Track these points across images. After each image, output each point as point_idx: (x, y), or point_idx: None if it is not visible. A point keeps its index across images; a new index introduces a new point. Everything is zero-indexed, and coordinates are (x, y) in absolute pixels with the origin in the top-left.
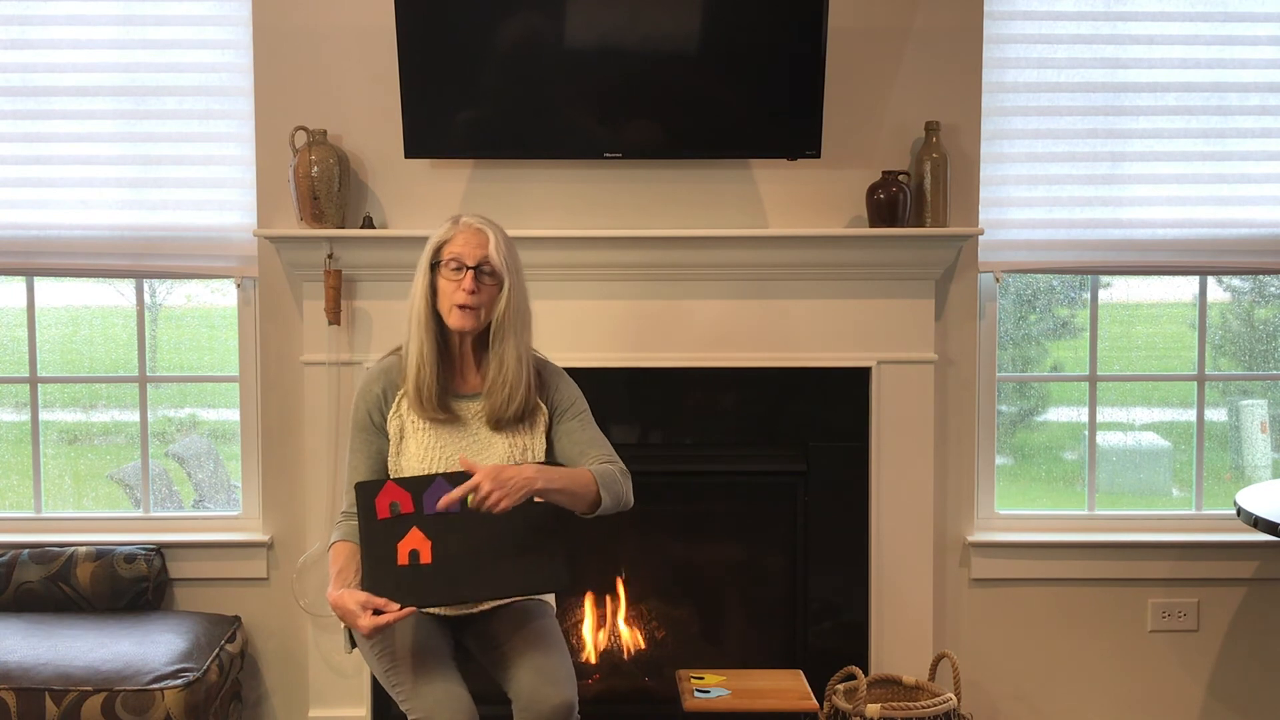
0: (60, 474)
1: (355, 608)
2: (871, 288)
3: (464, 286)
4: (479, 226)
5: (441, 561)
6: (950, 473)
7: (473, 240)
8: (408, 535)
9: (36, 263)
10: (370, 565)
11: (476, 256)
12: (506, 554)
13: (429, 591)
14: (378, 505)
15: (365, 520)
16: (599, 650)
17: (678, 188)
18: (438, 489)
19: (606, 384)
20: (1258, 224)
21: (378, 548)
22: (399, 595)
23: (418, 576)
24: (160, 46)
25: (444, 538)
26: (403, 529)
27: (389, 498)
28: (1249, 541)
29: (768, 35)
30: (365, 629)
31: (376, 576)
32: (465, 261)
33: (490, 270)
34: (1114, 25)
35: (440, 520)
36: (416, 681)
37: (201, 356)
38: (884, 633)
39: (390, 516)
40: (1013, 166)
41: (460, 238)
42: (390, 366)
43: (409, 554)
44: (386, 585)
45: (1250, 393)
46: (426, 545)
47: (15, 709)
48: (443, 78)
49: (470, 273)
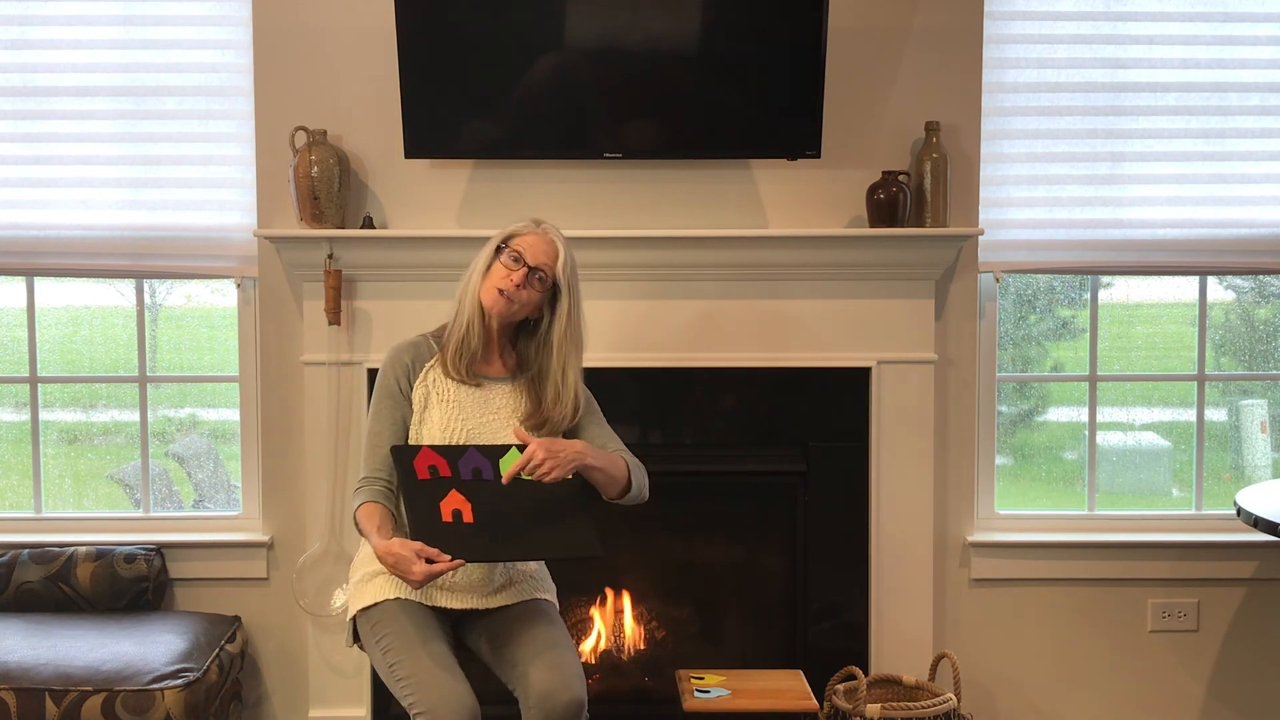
0: (60, 474)
1: (410, 554)
2: (871, 288)
3: (514, 279)
4: (554, 239)
5: (484, 521)
6: (950, 473)
7: (542, 245)
8: (449, 496)
9: (36, 263)
10: (417, 520)
11: (539, 260)
12: (542, 521)
13: (476, 547)
14: (416, 467)
15: (406, 480)
16: (599, 650)
17: (678, 188)
18: (472, 458)
19: (606, 384)
20: (1258, 224)
21: (421, 505)
22: (450, 548)
23: (464, 533)
24: (160, 46)
25: (485, 502)
26: (443, 490)
27: (427, 461)
28: (1249, 541)
29: (768, 35)
30: (420, 575)
31: (423, 531)
32: (526, 259)
33: (542, 277)
34: (1114, 25)
35: (477, 486)
36: (419, 675)
37: (201, 356)
38: (884, 633)
39: (430, 479)
40: (1013, 166)
41: (532, 237)
42: (419, 343)
43: (452, 513)
44: (435, 538)
45: (1250, 393)
46: (468, 507)
47: (15, 709)
48: (443, 78)
49: (525, 269)
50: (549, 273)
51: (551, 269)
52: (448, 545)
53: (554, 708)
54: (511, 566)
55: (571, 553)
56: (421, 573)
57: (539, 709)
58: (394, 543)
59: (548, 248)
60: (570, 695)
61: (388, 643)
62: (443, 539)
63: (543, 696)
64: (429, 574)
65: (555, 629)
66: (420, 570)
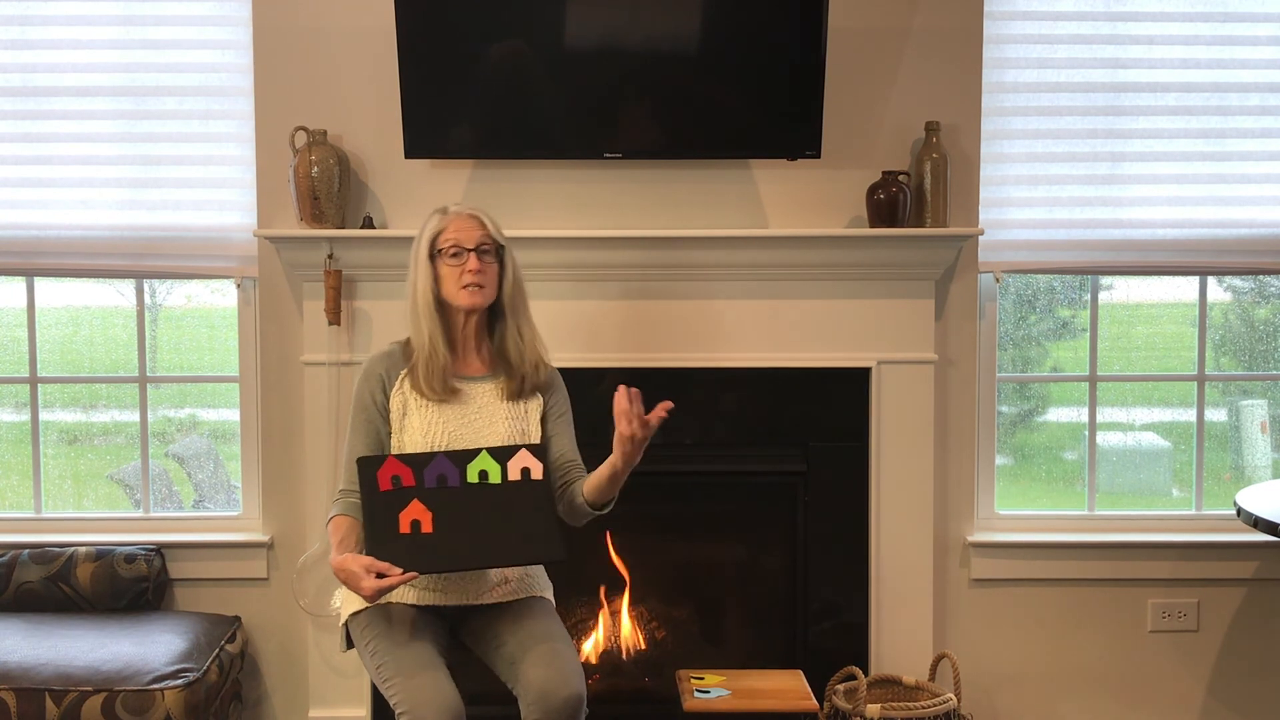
0: (60, 474)
1: (359, 570)
2: (871, 288)
3: (469, 267)
4: (470, 212)
5: (442, 531)
6: (950, 473)
7: (466, 225)
8: (409, 506)
9: (36, 263)
10: (372, 534)
11: (475, 239)
12: (505, 527)
13: (431, 559)
14: (379, 478)
15: (367, 492)
16: (599, 650)
17: (678, 188)
18: (438, 465)
19: (606, 384)
20: (1258, 224)
21: (380, 518)
22: (402, 560)
23: (419, 544)
24: (160, 46)
25: (444, 510)
26: (404, 500)
27: (391, 471)
28: (1249, 542)
29: (768, 35)
30: (369, 590)
31: (379, 543)
32: (465, 245)
33: (489, 249)
34: (1114, 25)
35: (440, 493)
36: (403, 674)
37: (201, 357)
38: (884, 633)
39: (392, 489)
40: (1013, 166)
41: (454, 224)
42: (393, 352)
43: (410, 523)
44: (389, 551)
45: (1250, 393)
46: (428, 516)
47: (15, 709)
48: (443, 78)
49: (472, 254)
50: (490, 242)
51: (489, 238)
52: (402, 557)
53: (552, 704)
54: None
55: (532, 558)
56: (370, 588)
57: (537, 705)
58: (346, 558)
59: (471, 224)
60: (569, 690)
61: (375, 645)
62: (398, 551)
63: (541, 693)
64: (378, 589)
65: (552, 625)
66: (369, 585)
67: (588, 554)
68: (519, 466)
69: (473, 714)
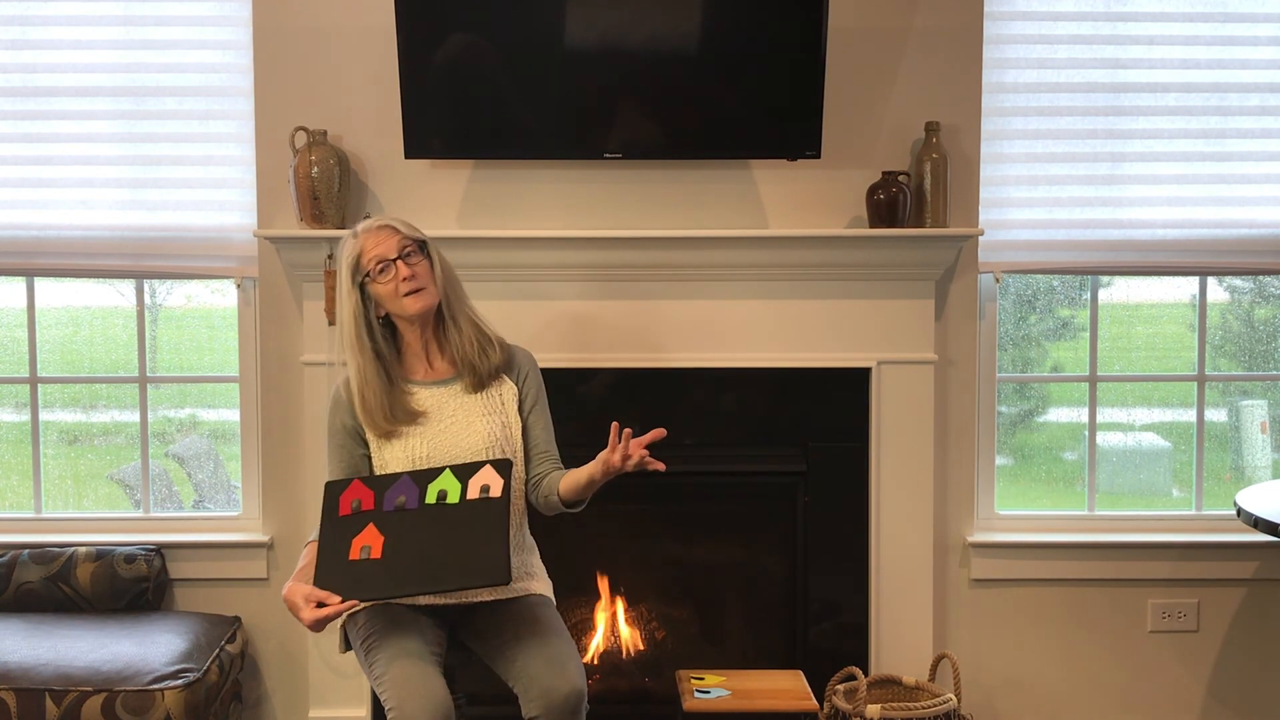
0: (60, 474)
1: (299, 600)
2: (871, 288)
3: (401, 275)
4: (379, 223)
5: (390, 557)
6: (950, 473)
7: (381, 237)
8: (364, 531)
9: (36, 263)
10: (323, 560)
11: (394, 246)
12: (450, 550)
13: (373, 586)
14: (341, 502)
15: (326, 517)
16: (599, 650)
17: (678, 188)
18: (401, 487)
19: (606, 384)
20: (1258, 224)
21: (333, 543)
22: (343, 588)
23: (366, 571)
24: (160, 47)
25: (398, 534)
26: (360, 525)
27: (353, 495)
28: (1249, 542)
29: (768, 35)
30: (306, 621)
31: (327, 570)
32: (388, 256)
33: (412, 250)
34: (1114, 25)
35: (395, 517)
36: (392, 672)
37: (201, 357)
38: (884, 633)
39: (351, 514)
40: (1013, 167)
41: (369, 241)
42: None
43: (361, 549)
44: (334, 579)
45: (1250, 393)
46: (380, 541)
47: (15, 709)
48: (443, 78)
49: (399, 261)
50: (410, 243)
51: (408, 241)
52: (343, 585)
53: (553, 700)
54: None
55: (473, 582)
56: (309, 618)
57: (539, 701)
58: (290, 587)
59: (386, 234)
60: (570, 686)
61: (368, 644)
62: (344, 578)
63: (542, 689)
64: (315, 619)
65: (552, 622)
66: (308, 615)
67: (588, 554)
68: (479, 484)
69: (472, 714)
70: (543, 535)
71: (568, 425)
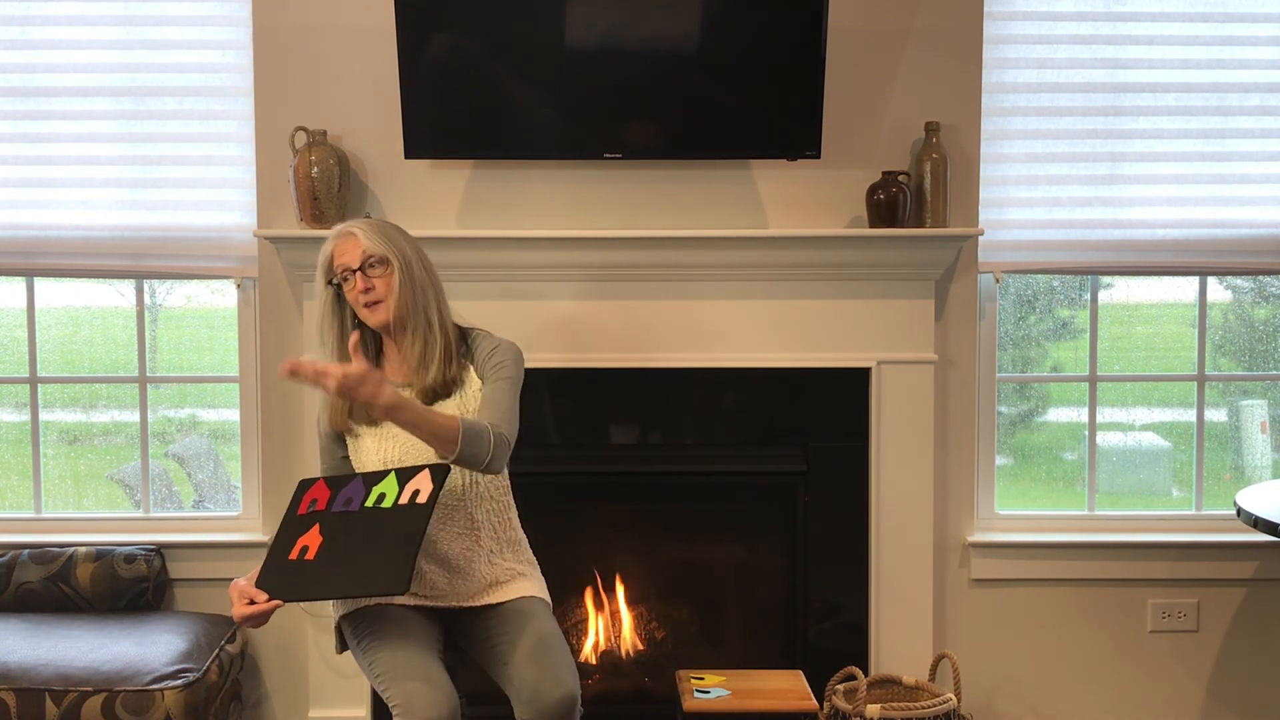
0: (60, 474)
1: (235, 596)
2: (871, 288)
3: (359, 287)
4: (347, 230)
5: (320, 559)
6: (950, 473)
7: (346, 245)
8: (309, 532)
9: (36, 263)
10: (268, 558)
11: (357, 256)
12: (364, 556)
13: (294, 587)
14: (303, 501)
15: (287, 514)
16: (599, 650)
17: (678, 188)
18: (352, 489)
19: (606, 384)
20: (1258, 224)
21: (280, 541)
22: (272, 588)
23: (296, 572)
24: (160, 47)
25: (335, 537)
26: (308, 525)
27: (313, 495)
28: (1249, 542)
29: (768, 35)
30: (237, 617)
31: (267, 569)
32: (350, 265)
33: (374, 261)
34: (1114, 25)
35: (336, 519)
36: (396, 670)
37: (201, 357)
38: (884, 633)
39: (306, 513)
40: (1013, 166)
41: (338, 248)
42: None
43: (300, 549)
44: (270, 578)
45: (1250, 393)
46: (317, 543)
47: (15, 709)
48: (443, 77)
49: (359, 274)
50: (375, 255)
51: (369, 252)
52: (277, 584)
53: (544, 704)
54: (498, 566)
55: (368, 591)
56: (238, 614)
57: (530, 705)
58: (234, 583)
59: (349, 241)
60: (562, 690)
61: (368, 643)
62: (278, 578)
63: (534, 693)
64: (243, 615)
65: (545, 625)
66: (237, 611)
67: (588, 554)
68: (412, 490)
69: (470, 714)
70: (543, 535)
71: (567, 425)
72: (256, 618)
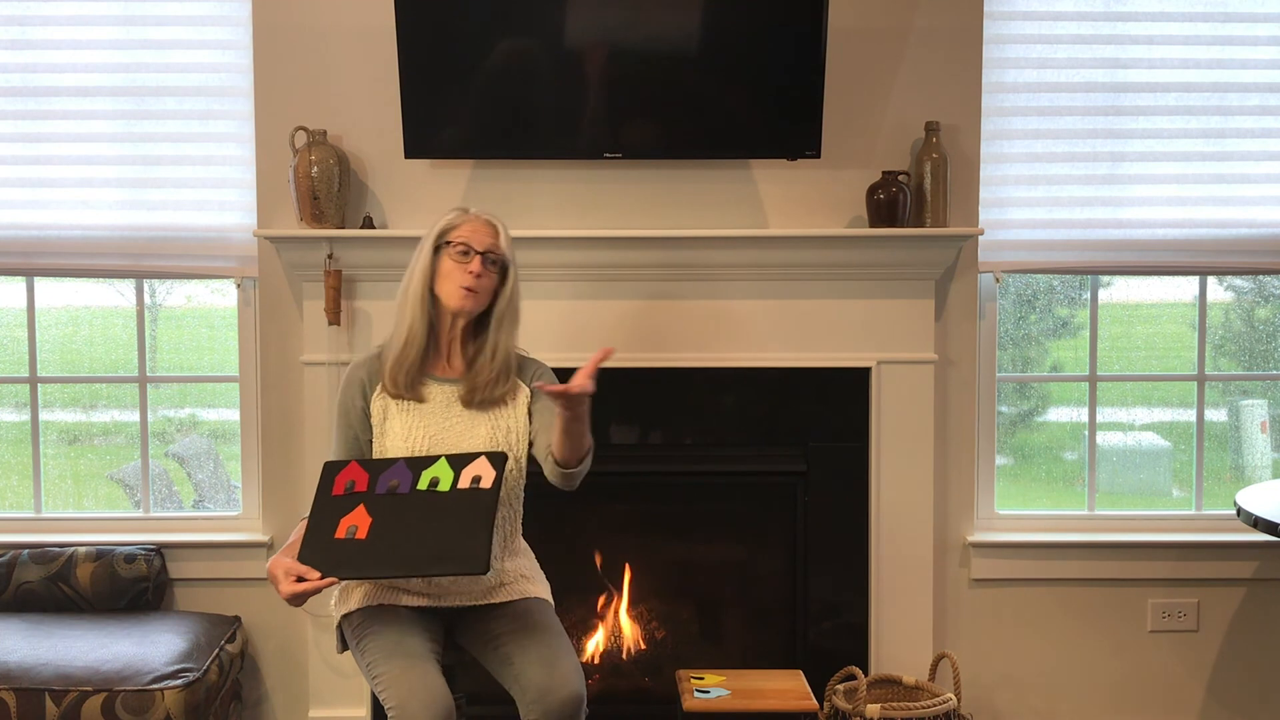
0: (60, 474)
1: (280, 574)
2: (871, 288)
3: (471, 269)
4: (488, 219)
5: (375, 539)
6: (950, 473)
7: (482, 229)
8: (353, 512)
9: (36, 263)
10: (309, 536)
11: (485, 244)
12: (434, 537)
13: (353, 565)
14: (336, 482)
15: (319, 495)
16: (599, 650)
17: (678, 188)
18: (395, 472)
19: (607, 384)
20: (1258, 224)
21: (321, 521)
22: (323, 565)
23: (348, 550)
24: (160, 47)
25: (386, 517)
26: (350, 506)
27: (348, 476)
28: (1249, 541)
29: (768, 35)
30: (285, 594)
31: (312, 547)
32: (474, 247)
33: (494, 259)
34: (1114, 25)
35: (385, 500)
36: (392, 671)
37: (201, 356)
38: (884, 633)
39: (343, 494)
40: (1013, 166)
41: (469, 225)
42: (373, 355)
43: (348, 529)
44: (317, 556)
45: (1250, 393)
46: (367, 523)
47: (15, 709)
48: (443, 78)
49: (479, 257)
50: (498, 254)
51: (498, 249)
52: (328, 562)
53: (551, 704)
54: (505, 567)
55: (451, 569)
56: (286, 591)
57: (537, 705)
58: (274, 561)
59: (487, 229)
60: (569, 690)
61: (366, 644)
62: (326, 556)
63: (541, 692)
64: (293, 593)
65: (549, 625)
66: (285, 589)
67: (588, 554)
68: (471, 475)
69: (472, 714)
70: (543, 535)
71: None
72: (305, 595)
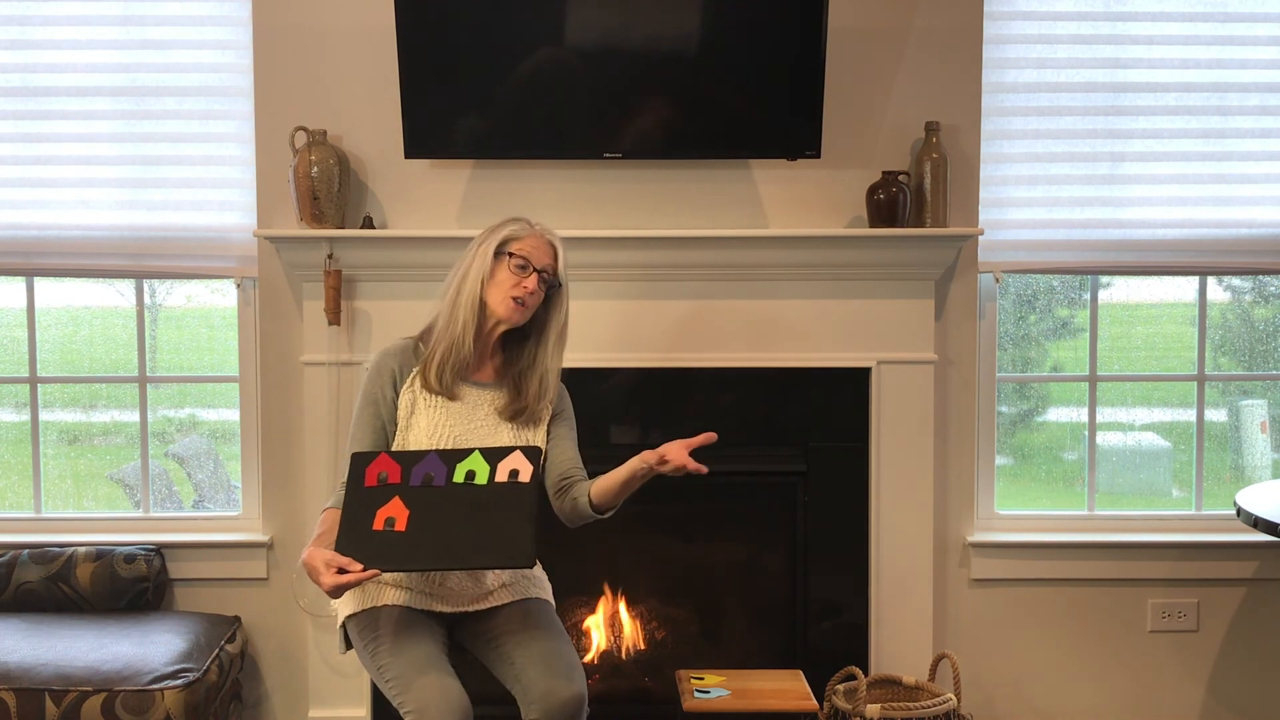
0: (60, 474)
1: (320, 565)
2: (871, 288)
3: (526, 285)
4: (550, 239)
5: (415, 531)
6: (950, 473)
7: (543, 247)
8: (389, 504)
9: (36, 263)
10: (345, 528)
11: (544, 262)
12: (477, 530)
13: (396, 557)
14: (367, 474)
15: (351, 486)
16: (599, 650)
17: (678, 188)
18: (428, 464)
19: (606, 384)
20: (1258, 224)
21: (356, 513)
22: (366, 558)
23: (388, 542)
24: (160, 46)
25: (423, 509)
26: (385, 497)
27: (379, 468)
28: (1249, 542)
29: (768, 35)
30: (327, 586)
31: (349, 539)
32: (534, 263)
33: (549, 278)
34: (1114, 25)
35: (422, 492)
36: (408, 675)
37: (201, 357)
38: (884, 633)
39: (377, 485)
40: (1013, 166)
41: (532, 240)
42: (406, 347)
43: (385, 520)
44: (356, 548)
45: (1250, 393)
46: (404, 514)
47: (15, 709)
48: (442, 78)
49: (536, 275)
50: (552, 273)
51: (553, 268)
52: (368, 554)
53: (553, 704)
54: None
55: (496, 563)
56: (329, 583)
57: (538, 705)
58: (312, 551)
59: (548, 248)
60: (571, 691)
61: (375, 645)
62: (366, 548)
63: (543, 693)
64: (336, 584)
65: (551, 626)
66: (328, 580)
67: (588, 554)
68: (508, 468)
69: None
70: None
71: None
72: (348, 587)
